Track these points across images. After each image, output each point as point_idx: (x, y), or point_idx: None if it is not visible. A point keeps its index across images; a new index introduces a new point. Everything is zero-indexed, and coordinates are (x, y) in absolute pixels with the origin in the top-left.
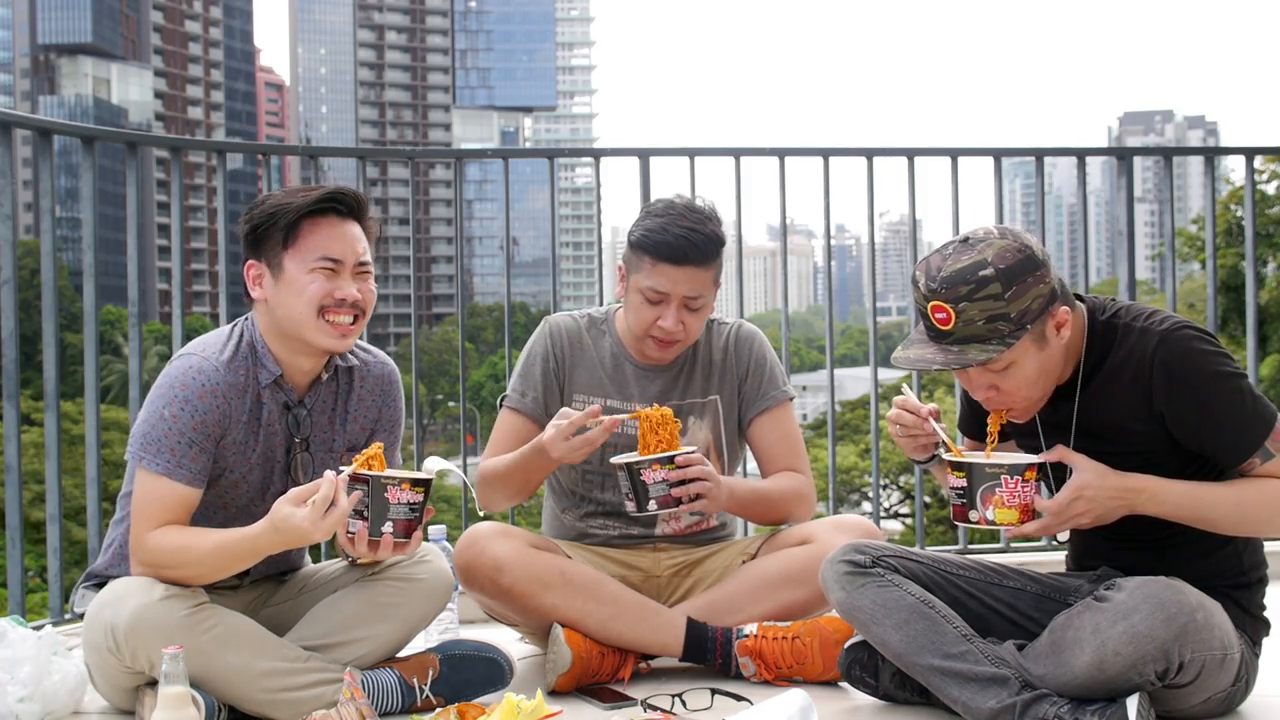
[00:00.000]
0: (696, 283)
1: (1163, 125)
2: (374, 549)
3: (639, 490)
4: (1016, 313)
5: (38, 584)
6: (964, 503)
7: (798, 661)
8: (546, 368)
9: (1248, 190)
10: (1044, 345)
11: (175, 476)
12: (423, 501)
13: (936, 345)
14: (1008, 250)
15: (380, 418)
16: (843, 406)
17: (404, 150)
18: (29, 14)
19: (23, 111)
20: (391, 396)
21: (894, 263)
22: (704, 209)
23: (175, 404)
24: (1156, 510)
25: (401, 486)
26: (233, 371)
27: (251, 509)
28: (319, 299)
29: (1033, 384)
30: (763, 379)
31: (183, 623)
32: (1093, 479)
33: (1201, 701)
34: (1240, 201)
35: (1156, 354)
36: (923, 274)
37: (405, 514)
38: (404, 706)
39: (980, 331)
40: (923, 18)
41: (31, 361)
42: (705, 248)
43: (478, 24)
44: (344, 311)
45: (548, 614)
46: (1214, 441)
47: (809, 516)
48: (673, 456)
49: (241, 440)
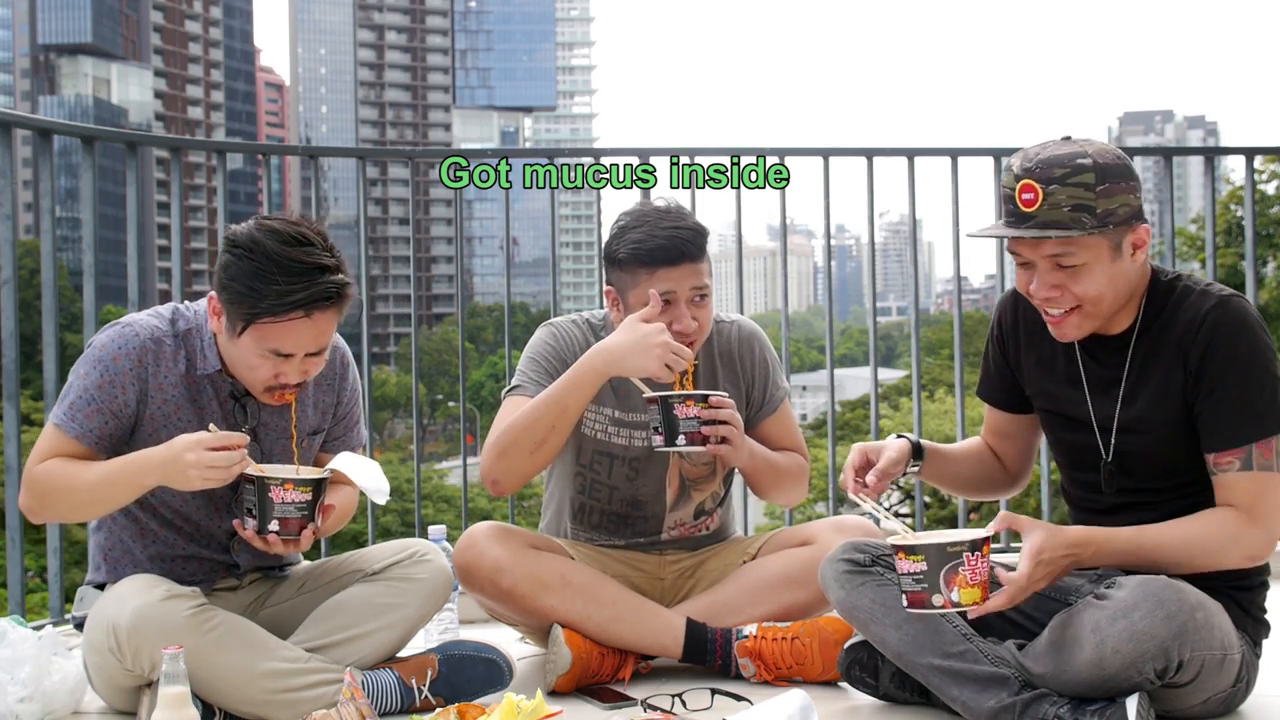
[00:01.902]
0: (697, 275)
1: (1163, 125)
2: (266, 546)
3: (670, 423)
4: (1103, 209)
5: (38, 584)
6: (923, 588)
7: (797, 662)
8: (555, 364)
9: (1248, 190)
10: (1118, 257)
11: (66, 429)
12: (310, 500)
13: (1016, 228)
14: (1108, 152)
15: (340, 400)
16: (843, 406)
17: (404, 150)
18: (29, 14)
19: (23, 111)
20: (346, 377)
21: (894, 263)
22: (671, 206)
23: (87, 363)
24: (1103, 562)
25: (285, 487)
26: (158, 345)
27: (195, 502)
28: (265, 380)
29: (1098, 295)
30: (768, 383)
31: (184, 623)
32: (1045, 539)
33: (1201, 702)
34: (1240, 201)
35: (1210, 313)
36: (1018, 158)
37: (293, 513)
38: (403, 707)
39: (1063, 218)
40: (923, 18)
41: (31, 361)
42: (695, 240)
43: (478, 24)
44: (289, 390)
45: (548, 615)
46: (1213, 414)
47: (803, 497)
48: (706, 396)
49: (173, 418)
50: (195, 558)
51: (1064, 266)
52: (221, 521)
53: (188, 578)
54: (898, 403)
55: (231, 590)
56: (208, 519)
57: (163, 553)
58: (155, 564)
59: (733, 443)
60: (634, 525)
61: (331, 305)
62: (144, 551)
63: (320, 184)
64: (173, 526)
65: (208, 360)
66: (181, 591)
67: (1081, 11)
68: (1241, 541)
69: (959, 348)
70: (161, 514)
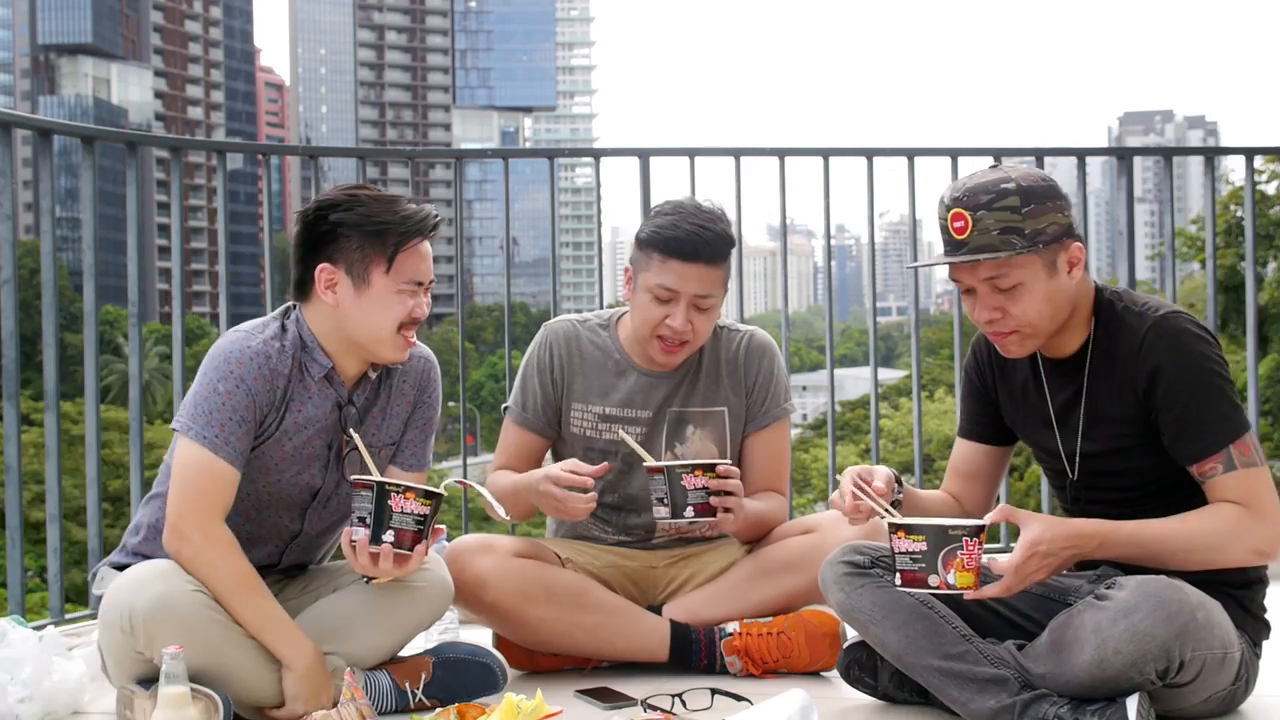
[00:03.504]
0: (706, 281)
1: (1163, 125)
2: (374, 561)
3: (678, 495)
4: (1031, 229)
5: (38, 584)
6: (921, 568)
7: (784, 655)
8: (544, 379)
9: (1248, 190)
10: (1054, 274)
11: (221, 453)
12: (429, 515)
13: (952, 256)
14: (1032, 175)
15: (415, 410)
16: (843, 406)
17: (404, 150)
18: (29, 14)
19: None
20: (427, 389)
21: (894, 263)
22: (713, 209)
23: (230, 380)
24: (1107, 554)
25: (406, 495)
26: (281, 360)
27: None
28: (401, 319)
29: (1039, 313)
30: (767, 395)
31: (202, 613)
32: (1043, 532)
33: (1201, 701)
34: (1240, 201)
35: (1148, 335)
36: (948, 190)
37: (410, 525)
38: (397, 708)
39: (993, 241)
40: (923, 18)
41: (31, 361)
42: (716, 245)
43: (478, 24)
44: (414, 327)
45: (535, 628)
46: (1179, 430)
47: None
48: (714, 465)
49: (276, 428)
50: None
51: (1002, 289)
52: (290, 522)
53: None
54: (898, 403)
55: None
56: (277, 515)
57: None
58: None
59: (734, 511)
60: (627, 519)
61: (437, 229)
62: None
63: (320, 184)
64: (238, 513)
65: (317, 362)
66: (202, 585)
67: (1081, 11)
68: (1247, 535)
69: (959, 348)
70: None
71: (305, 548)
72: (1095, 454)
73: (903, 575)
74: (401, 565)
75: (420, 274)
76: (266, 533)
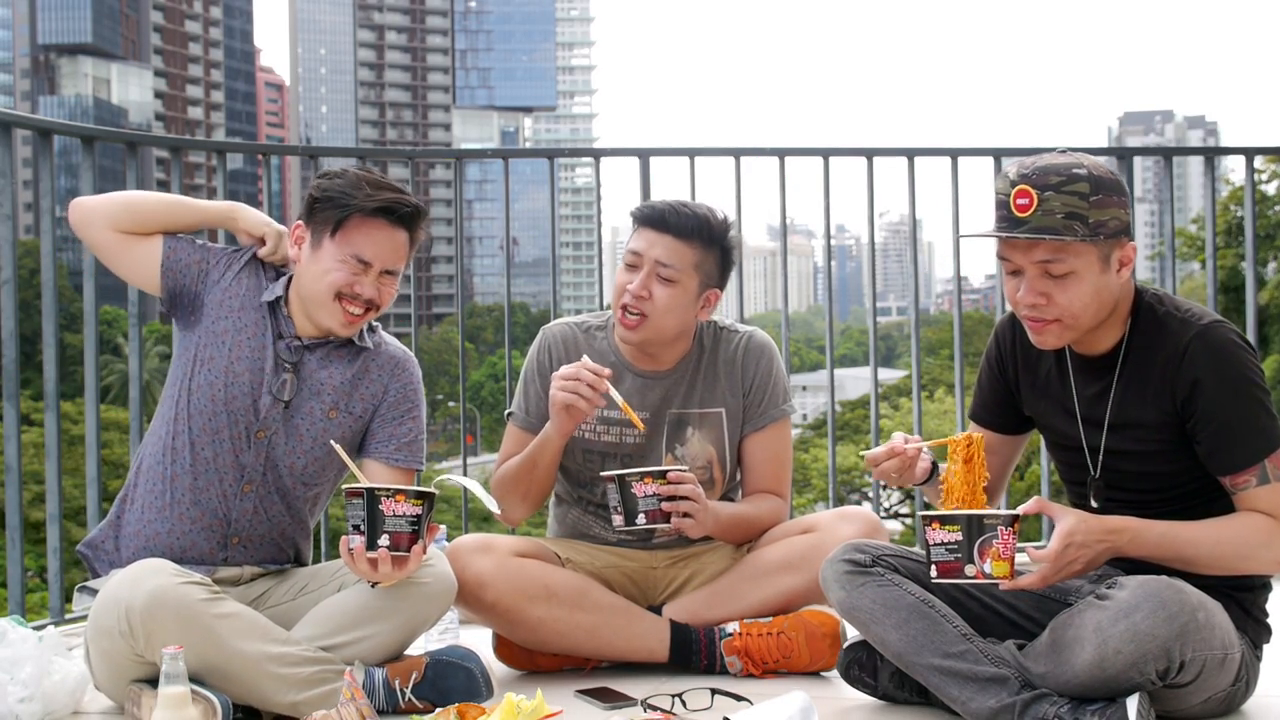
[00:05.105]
0: (672, 252)
1: (1163, 125)
2: (373, 567)
3: (629, 503)
4: (1094, 220)
5: (37, 584)
6: (957, 558)
7: (784, 655)
8: (545, 382)
9: (1248, 190)
10: (1105, 269)
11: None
12: (421, 515)
13: (1010, 232)
14: (1103, 166)
15: (384, 399)
16: (843, 406)
17: (404, 150)
18: (29, 14)
19: (23, 111)
20: (399, 378)
21: (894, 263)
22: (709, 206)
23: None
24: (1138, 551)
25: (396, 498)
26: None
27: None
28: (337, 285)
29: (1084, 305)
30: (765, 396)
31: (199, 607)
32: (1078, 524)
33: (1201, 701)
34: (1240, 201)
35: (1192, 343)
36: (1014, 165)
37: (404, 527)
38: (389, 708)
39: (1056, 224)
40: (923, 18)
41: (31, 361)
42: (688, 220)
43: (478, 24)
44: (357, 304)
45: (535, 628)
46: (1218, 442)
47: None
48: (665, 471)
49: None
50: (195, 529)
51: (1052, 275)
52: (232, 482)
53: (187, 563)
54: (898, 403)
55: (234, 584)
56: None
57: (173, 528)
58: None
59: (695, 516)
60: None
61: (410, 224)
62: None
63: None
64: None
65: (271, 289)
66: (194, 576)
67: (1081, 11)
68: (1275, 547)
69: (959, 348)
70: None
71: (246, 537)
72: (1121, 453)
73: (938, 566)
74: (400, 567)
75: (366, 252)
76: (209, 497)
